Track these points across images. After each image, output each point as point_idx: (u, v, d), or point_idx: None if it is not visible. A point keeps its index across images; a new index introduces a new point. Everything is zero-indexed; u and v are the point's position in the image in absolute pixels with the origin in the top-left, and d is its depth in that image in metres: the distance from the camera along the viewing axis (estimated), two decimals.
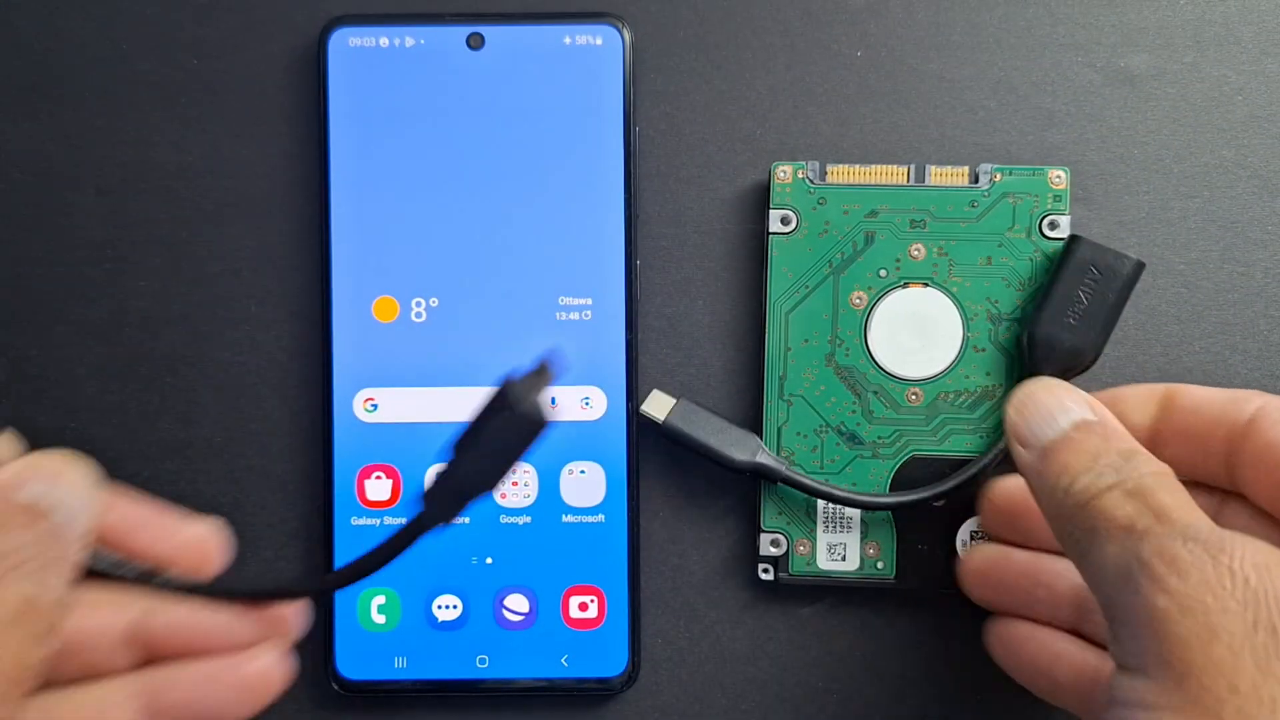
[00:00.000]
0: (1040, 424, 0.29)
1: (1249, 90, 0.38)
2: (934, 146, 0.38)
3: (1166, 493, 0.26)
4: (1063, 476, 0.27)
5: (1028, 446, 0.29)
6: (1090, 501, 0.26)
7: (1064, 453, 0.28)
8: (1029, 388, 0.30)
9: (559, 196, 0.37)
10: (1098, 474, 0.27)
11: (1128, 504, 0.26)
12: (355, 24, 0.38)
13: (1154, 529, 0.25)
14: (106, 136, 0.39)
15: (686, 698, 0.38)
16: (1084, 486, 0.27)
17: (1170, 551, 0.24)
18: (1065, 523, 0.27)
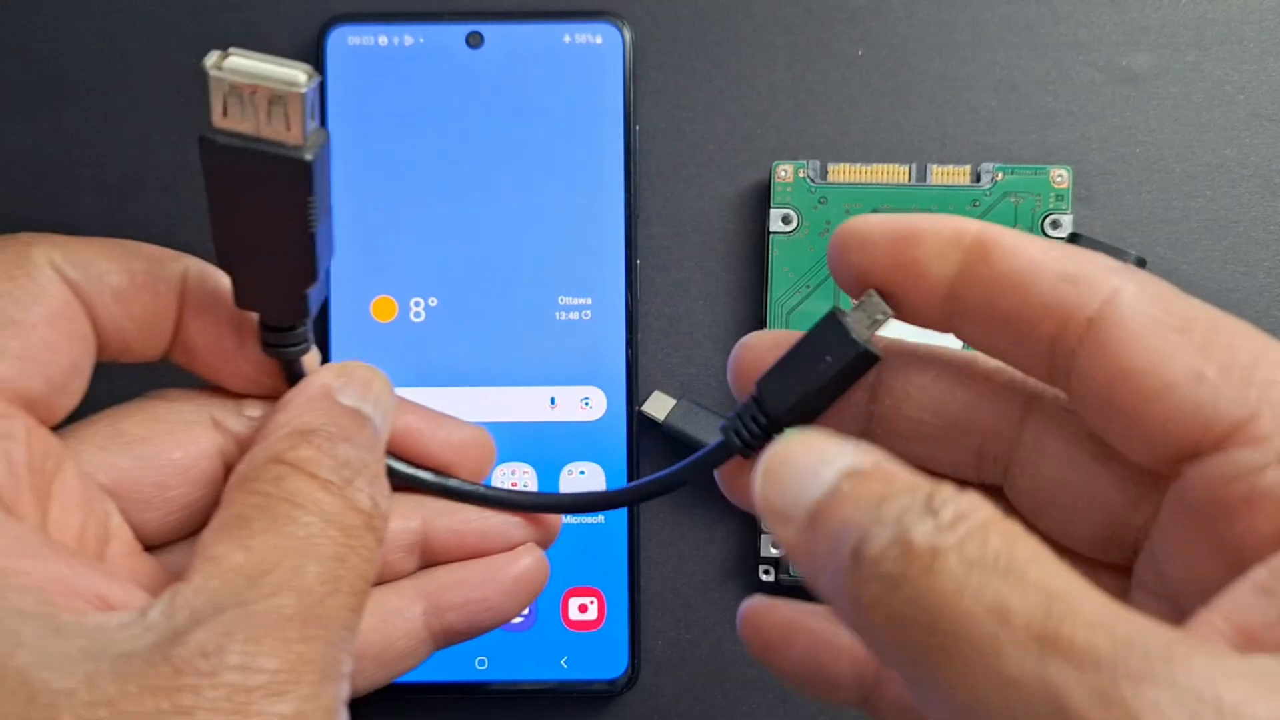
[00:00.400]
0: (796, 486, 0.20)
1: (1251, 89, 0.38)
2: (935, 145, 0.38)
3: (1031, 558, 0.17)
4: (840, 540, 0.18)
5: (788, 522, 0.20)
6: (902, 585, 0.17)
7: (837, 511, 0.19)
8: (774, 449, 0.20)
9: (559, 196, 0.37)
10: (897, 522, 0.17)
11: (986, 584, 0.16)
12: (354, 22, 0.37)
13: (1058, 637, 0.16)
14: (106, 136, 0.39)
15: (687, 700, 0.38)
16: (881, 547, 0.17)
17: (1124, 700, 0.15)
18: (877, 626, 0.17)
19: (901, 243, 0.22)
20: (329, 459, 0.22)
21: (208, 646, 0.18)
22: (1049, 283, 0.20)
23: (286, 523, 0.21)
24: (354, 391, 0.23)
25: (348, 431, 0.22)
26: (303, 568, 0.20)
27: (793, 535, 0.20)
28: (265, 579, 0.20)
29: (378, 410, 0.23)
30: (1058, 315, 0.20)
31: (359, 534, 0.21)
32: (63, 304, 0.22)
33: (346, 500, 0.21)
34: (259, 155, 0.20)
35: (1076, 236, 0.35)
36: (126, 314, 0.23)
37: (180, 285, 0.24)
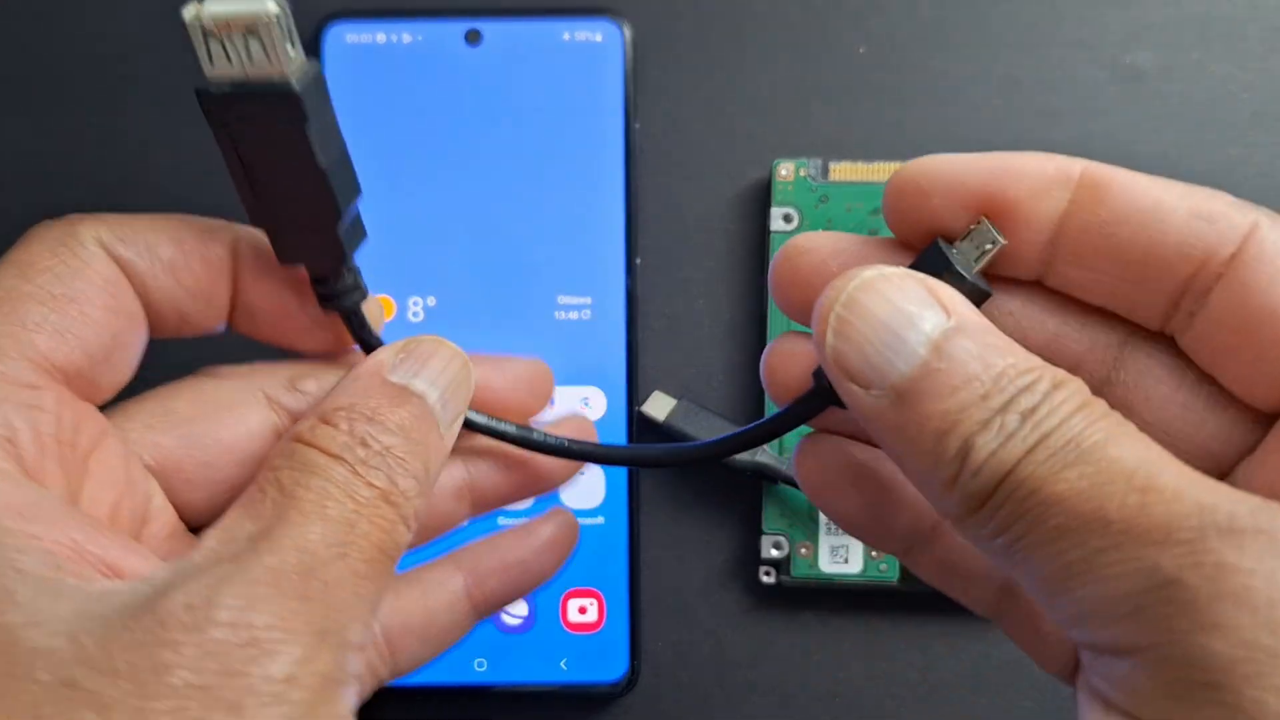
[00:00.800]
0: (881, 352, 0.19)
1: (1255, 88, 0.38)
2: (938, 144, 0.38)
3: (1122, 448, 0.17)
4: (946, 440, 0.18)
5: (868, 387, 0.19)
6: (1006, 479, 0.18)
7: (931, 396, 0.18)
8: (852, 293, 0.19)
9: (558, 194, 0.37)
10: (1000, 429, 0.18)
11: (1073, 475, 0.17)
12: (351, 19, 0.37)
13: (1148, 522, 0.17)
14: (103, 136, 0.38)
15: (687, 702, 0.38)
16: (988, 454, 0.18)
17: (1226, 563, 0.16)
18: (968, 509, 0.18)
19: (998, 182, 0.20)
20: (345, 436, 0.21)
21: (194, 600, 0.18)
22: (1183, 221, 0.19)
23: (295, 488, 0.20)
24: (408, 368, 0.23)
25: (380, 411, 0.22)
26: (306, 528, 0.20)
27: (872, 405, 0.19)
28: (266, 540, 0.19)
29: (434, 386, 0.23)
30: (1195, 255, 0.19)
31: (374, 504, 0.21)
32: (107, 279, 0.22)
33: (359, 474, 0.21)
34: (251, 96, 0.20)
35: None
36: (180, 285, 0.23)
37: (232, 251, 0.24)
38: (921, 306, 0.19)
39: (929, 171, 0.21)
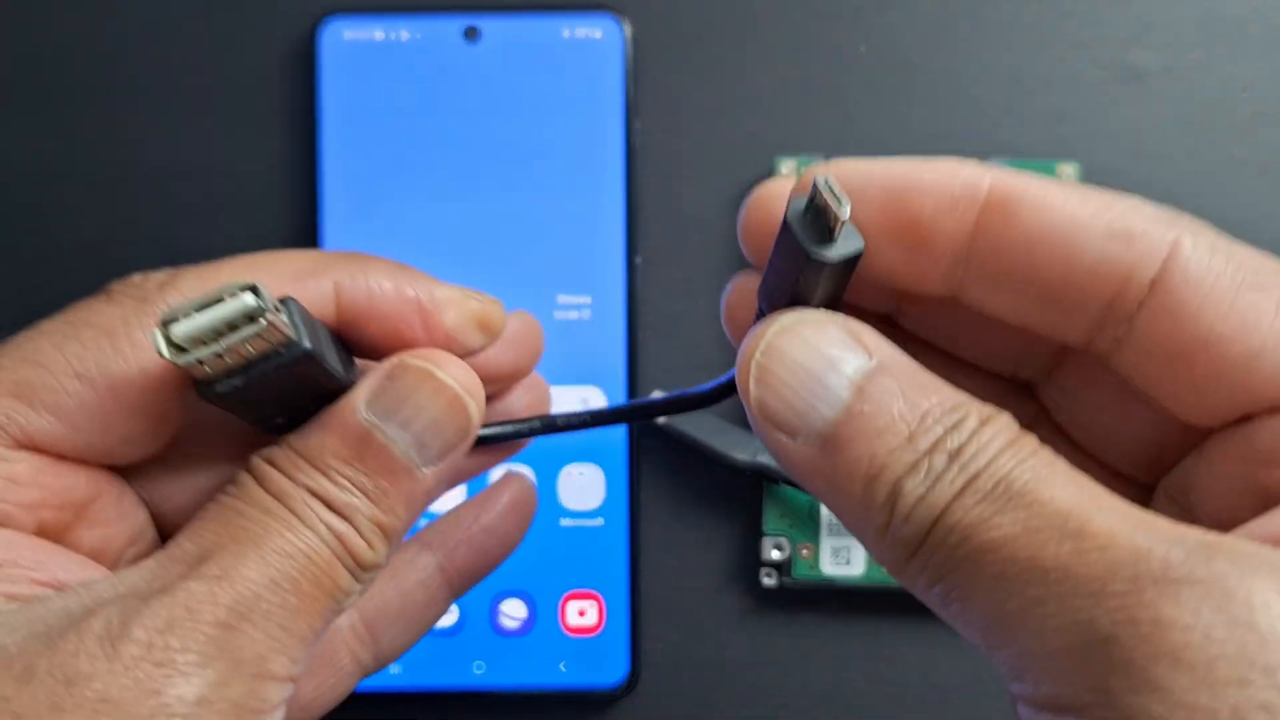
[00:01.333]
0: (804, 398, 0.18)
1: (1257, 87, 0.38)
2: (939, 142, 0.38)
3: (1054, 488, 0.17)
4: (874, 486, 0.18)
5: (796, 435, 0.19)
6: (936, 526, 0.17)
7: (857, 440, 0.18)
8: (771, 340, 0.19)
9: (558, 193, 0.37)
10: (928, 473, 0.17)
11: (1005, 521, 0.17)
12: (349, 15, 0.37)
13: (1084, 569, 0.16)
14: (99, 133, 0.38)
15: (687, 705, 0.38)
16: (916, 499, 0.17)
17: (1163, 619, 0.15)
18: (902, 558, 0.18)
19: (901, 197, 0.19)
20: (291, 485, 0.20)
21: (114, 617, 0.18)
22: (1098, 241, 0.18)
23: (237, 519, 0.20)
24: (381, 406, 0.21)
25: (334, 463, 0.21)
26: (240, 560, 0.19)
27: (799, 453, 0.19)
28: (200, 566, 0.19)
29: (406, 429, 0.21)
30: (1113, 278, 0.18)
31: (316, 548, 0.20)
32: (145, 379, 0.21)
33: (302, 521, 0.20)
34: (260, 373, 0.20)
35: None
36: None
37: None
38: (842, 349, 0.18)
39: (841, 175, 0.19)
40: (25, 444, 0.20)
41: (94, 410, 0.20)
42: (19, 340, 0.21)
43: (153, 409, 0.21)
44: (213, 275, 0.22)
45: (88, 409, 0.20)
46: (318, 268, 0.22)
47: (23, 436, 0.20)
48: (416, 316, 0.22)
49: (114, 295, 0.21)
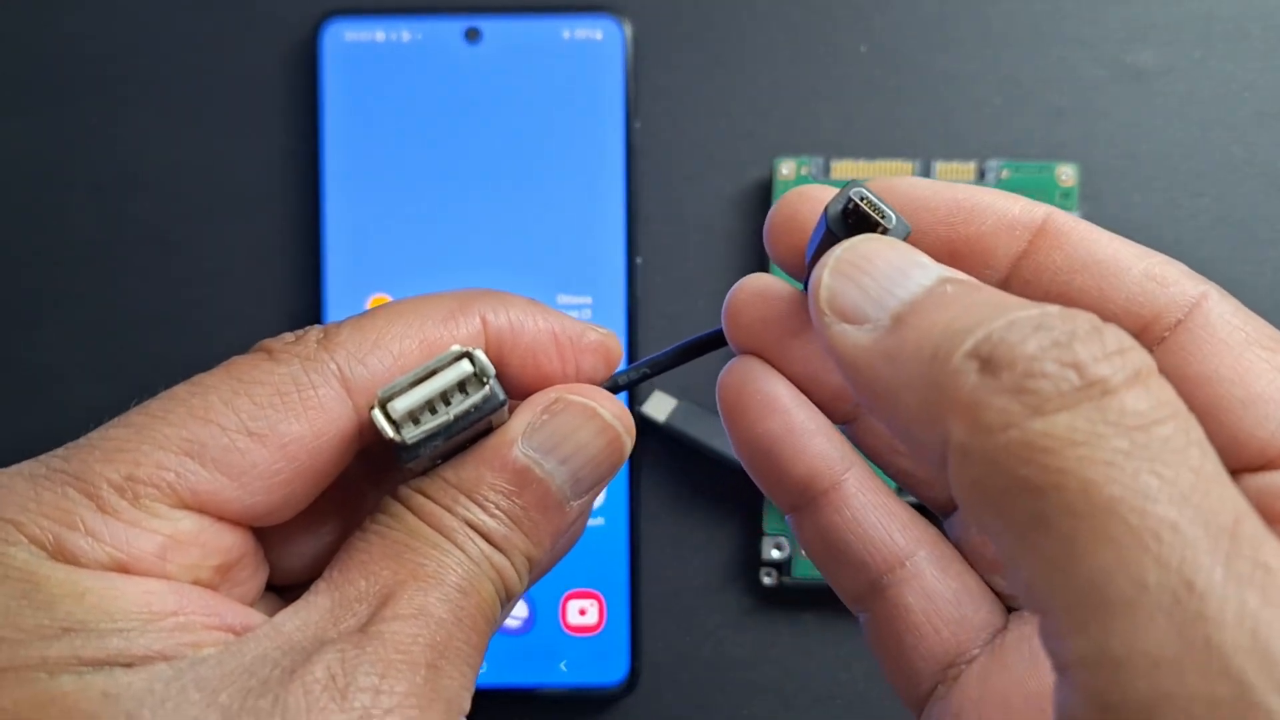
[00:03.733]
0: (883, 285, 0.18)
1: (1258, 86, 0.38)
2: (940, 142, 0.38)
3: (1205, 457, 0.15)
4: (955, 339, 0.16)
5: (863, 320, 0.18)
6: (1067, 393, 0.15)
7: (937, 309, 0.17)
8: (853, 242, 0.19)
9: (558, 193, 0.37)
10: (1039, 325, 0.15)
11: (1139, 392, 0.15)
12: (351, 17, 0.37)
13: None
14: (99, 134, 0.38)
15: (687, 704, 0.38)
16: (1018, 340, 0.15)
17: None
18: (1000, 426, 0.15)
19: (963, 213, 0.20)
20: (453, 520, 0.21)
21: (335, 668, 0.18)
22: (1136, 280, 0.20)
23: (408, 554, 0.20)
24: (540, 441, 0.21)
25: (493, 497, 0.21)
26: (427, 598, 0.20)
27: (865, 340, 0.18)
28: (390, 607, 0.19)
29: (565, 465, 0.21)
30: (1143, 314, 0.20)
31: (481, 581, 0.20)
32: (318, 440, 0.21)
33: (467, 554, 0.21)
34: (460, 429, 0.20)
35: None
36: None
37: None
38: (927, 260, 0.18)
39: (895, 190, 0.21)
40: (191, 503, 0.20)
41: (264, 471, 0.20)
42: (181, 395, 0.20)
43: (321, 470, 0.21)
44: (369, 326, 0.21)
45: (259, 469, 0.20)
46: (465, 306, 0.22)
47: (190, 496, 0.20)
48: (554, 349, 0.23)
49: (276, 354, 0.21)
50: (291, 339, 0.21)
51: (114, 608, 0.18)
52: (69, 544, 0.19)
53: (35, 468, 0.20)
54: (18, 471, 0.19)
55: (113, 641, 0.18)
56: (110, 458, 0.19)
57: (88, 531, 0.19)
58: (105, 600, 0.18)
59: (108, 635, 0.18)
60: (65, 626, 0.18)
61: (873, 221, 0.19)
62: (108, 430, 0.20)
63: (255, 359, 0.21)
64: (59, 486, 0.19)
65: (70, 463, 0.19)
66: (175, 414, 0.20)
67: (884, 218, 0.19)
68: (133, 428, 0.20)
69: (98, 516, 0.19)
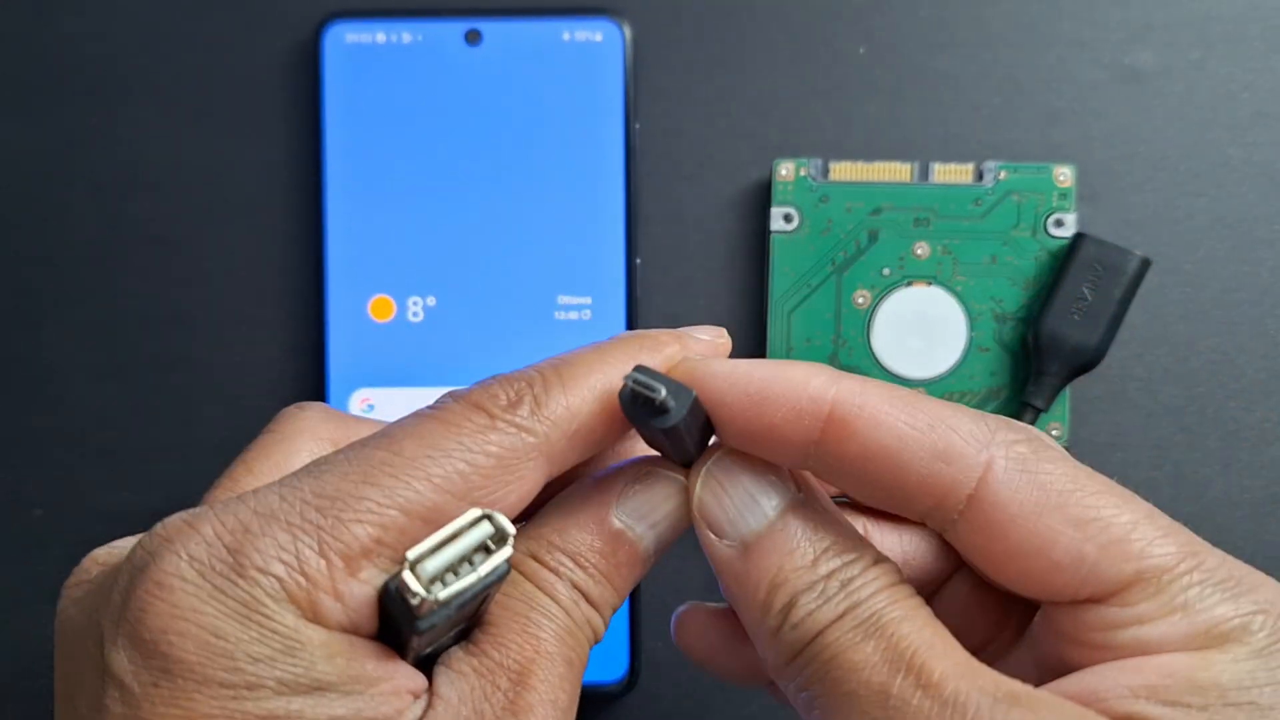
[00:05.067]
0: (739, 509, 0.22)
1: (1256, 87, 0.38)
2: (938, 144, 0.38)
3: (912, 628, 0.21)
4: (776, 593, 0.21)
5: (723, 536, 0.22)
6: (817, 639, 0.21)
7: (771, 553, 0.22)
8: (722, 457, 0.23)
9: (558, 194, 0.37)
10: (821, 593, 0.21)
11: (869, 648, 0.20)
12: (351, 19, 0.37)
13: (913, 704, 0.20)
14: (101, 135, 0.38)
15: (687, 702, 0.38)
16: (806, 614, 0.21)
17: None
18: (784, 660, 0.22)
19: (755, 408, 0.22)
20: (564, 585, 0.22)
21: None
22: (922, 462, 0.21)
23: (530, 625, 0.22)
24: (633, 509, 0.23)
25: (596, 562, 0.23)
26: (554, 669, 0.22)
27: (723, 553, 0.22)
28: (528, 681, 0.21)
29: (653, 530, 0.23)
30: (933, 494, 0.21)
31: (583, 643, 0.23)
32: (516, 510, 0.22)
33: (573, 620, 0.22)
34: (483, 589, 0.21)
35: (1081, 236, 0.35)
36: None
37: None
38: (777, 480, 0.22)
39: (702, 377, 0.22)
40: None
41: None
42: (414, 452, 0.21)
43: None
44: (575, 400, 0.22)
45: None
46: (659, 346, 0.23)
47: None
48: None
49: (497, 421, 0.22)
50: (506, 401, 0.22)
51: (354, 671, 0.20)
52: (323, 608, 0.20)
53: (286, 507, 0.20)
54: (271, 510, 0.20)
55: (353, 703, 0.20)
56: (363, 518, 0.20)
57: (336, 597, 0.20)
58: (350, 664, 0.20)
59: (350, 697, 0.20)
60: (318, 685, 0.19)
61: (655, 405, 0.21)
62: (354, 485, 0.20)
63: (479, 423, 0.21)
64: (315, 542, 0.20)
65: (324, 515, 0.20)
66: (414, 475, 0.21)
67: (662, 400, 0.21)
68: (380, 488, 0.20)
69: (347, 581, 0.20)
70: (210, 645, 0.19)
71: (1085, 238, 0.35)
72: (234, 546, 0.19)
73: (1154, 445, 0.37)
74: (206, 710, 0.19)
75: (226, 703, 0.19)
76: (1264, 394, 0.37)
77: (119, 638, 0.19)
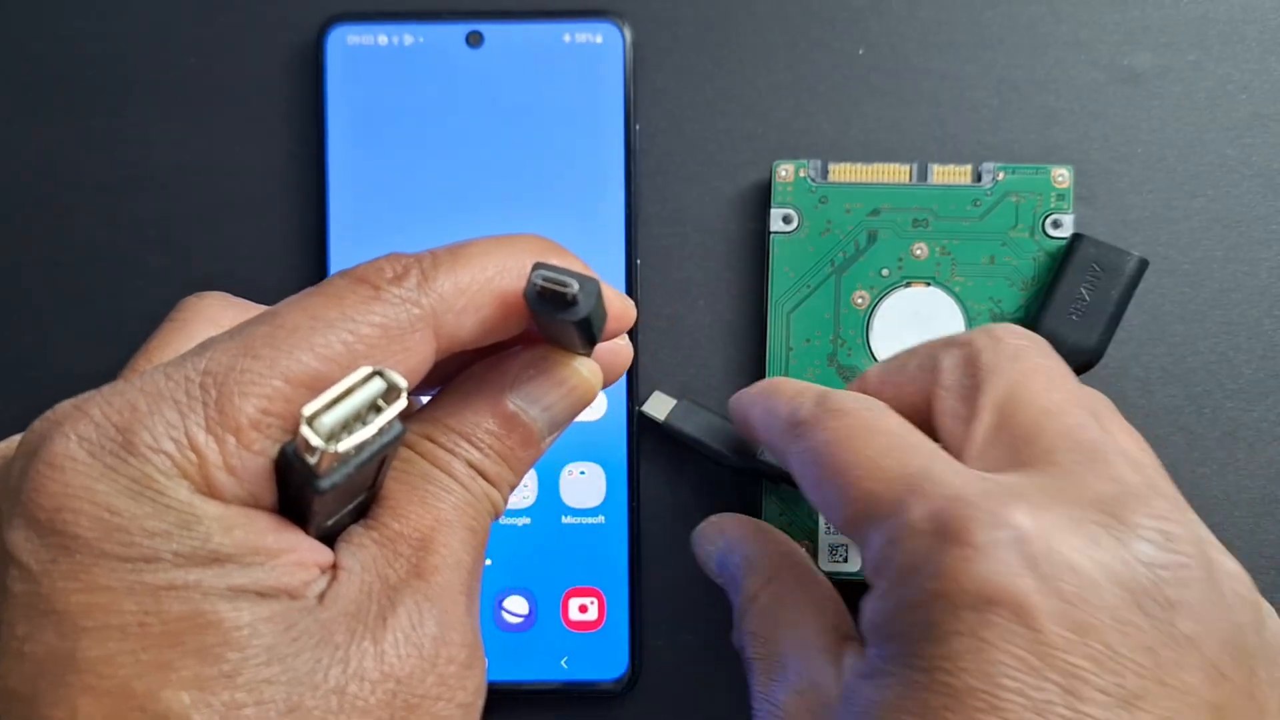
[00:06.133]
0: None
1: (1252, 88, 0.38)
2: (936, 145, 0.38)
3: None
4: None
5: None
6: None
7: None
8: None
9: (558, 195, 0.37)
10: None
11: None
12: (354, 22, 0.37)
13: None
14: (105, 136, 0.39)
15: (687, 700, 0.38)
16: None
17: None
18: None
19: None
20: (459, 463, 0.23)
21: (414, 617, 0.21)
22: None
23: (428, 497, 0.22)
24: (527, 393, 0.24)
25: (489, 441, 0.23)
26: (452, 540, 0.22)
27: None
28: (430, 553, 0.22)
29: (547, 413, 0.24)
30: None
31: (482, 516, 0.23)
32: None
33: (472, 492, 0.23)
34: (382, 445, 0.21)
35: (1078, 237, 0.35)
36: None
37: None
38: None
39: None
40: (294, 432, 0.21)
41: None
42: (296, 322, 0.21)
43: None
44: (463, 273, 0.23)
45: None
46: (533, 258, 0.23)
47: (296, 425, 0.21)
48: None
49: (382, 293, 0.22)
50: (391, 275, 0.22)
51: (253, 543, 0.20)
52: (216, 482, 0.20)
53: (172, 386, 0.20)
54: (158, 389, 0.20)
55: (253, 574, 0.20)
56: (247, 390, 0.20)
57: (229, 470, 0.20)
58: (248, 535, 0.20)
59: (250, 568, 0.20)
60: (216, 557, 0.19)
61: (567, 299, 0.21)
62: (236, 359, 0.20)
63: (363, 294, 0.21)
64: (201, 418, 0.20)
65: (208, 391, 0.20)
66: (297, 345, 0.20)
67: (567, 287, 0.21)
68: (262, 360, 0.20)
69: (239, 453, 0.20)
70: (105, 521, 0.19)
71: (1083, 238, 0.35)
72: (122, 425, 0.19)
73: (1152, 445, 0.37)
74: (106, 582, 0.19)
75: (125, 575, 0.19)
76: (1261, 394, 0.37)
77: (14, 518, 0.19)
